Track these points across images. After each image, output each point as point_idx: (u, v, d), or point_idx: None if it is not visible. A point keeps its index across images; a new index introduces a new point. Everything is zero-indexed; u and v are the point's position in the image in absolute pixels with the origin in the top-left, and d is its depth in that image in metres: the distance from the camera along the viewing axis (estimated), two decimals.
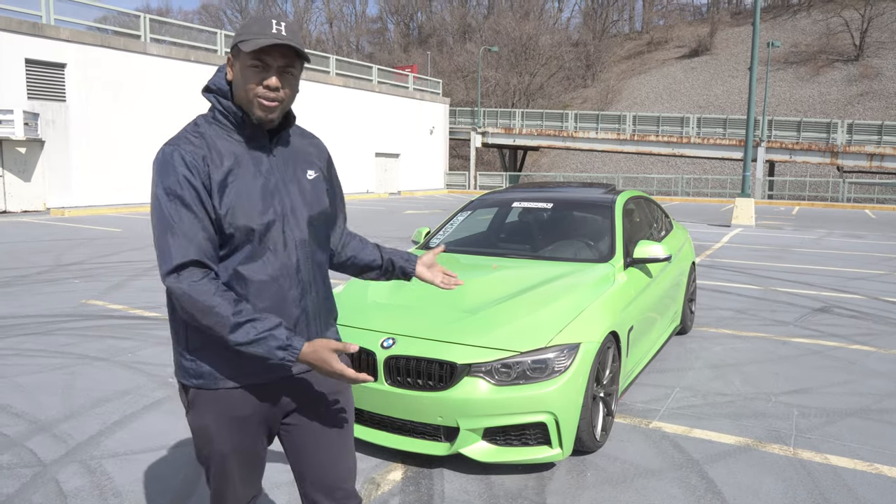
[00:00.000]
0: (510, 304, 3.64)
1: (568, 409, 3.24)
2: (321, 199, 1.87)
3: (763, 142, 32.76)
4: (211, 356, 1.74)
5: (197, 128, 1.73)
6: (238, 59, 1.70)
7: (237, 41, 1.68)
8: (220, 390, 1.76)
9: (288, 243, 1.77)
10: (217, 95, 1.76)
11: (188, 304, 1.63)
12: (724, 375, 4.96)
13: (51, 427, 3.86)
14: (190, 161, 1.66)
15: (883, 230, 17.62)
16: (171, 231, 1.64)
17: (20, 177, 20.10)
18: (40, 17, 20.51)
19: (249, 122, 1.73)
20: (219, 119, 1.76)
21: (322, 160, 1.94)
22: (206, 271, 1.66)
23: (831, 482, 3.27)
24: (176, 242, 1.64)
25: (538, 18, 68.56)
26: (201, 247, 1.66)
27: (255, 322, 1.65)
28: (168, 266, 1.64)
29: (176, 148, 1.68)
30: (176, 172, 1.65)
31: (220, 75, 1.78)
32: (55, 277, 8.83)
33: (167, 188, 1.65)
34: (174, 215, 1.64)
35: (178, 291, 1.63)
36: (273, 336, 1.65)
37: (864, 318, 6.91)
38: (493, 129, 41.08)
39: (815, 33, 58.87)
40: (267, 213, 1.73)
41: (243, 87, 1.69)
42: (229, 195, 1.68)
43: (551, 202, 5.23)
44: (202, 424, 1.79)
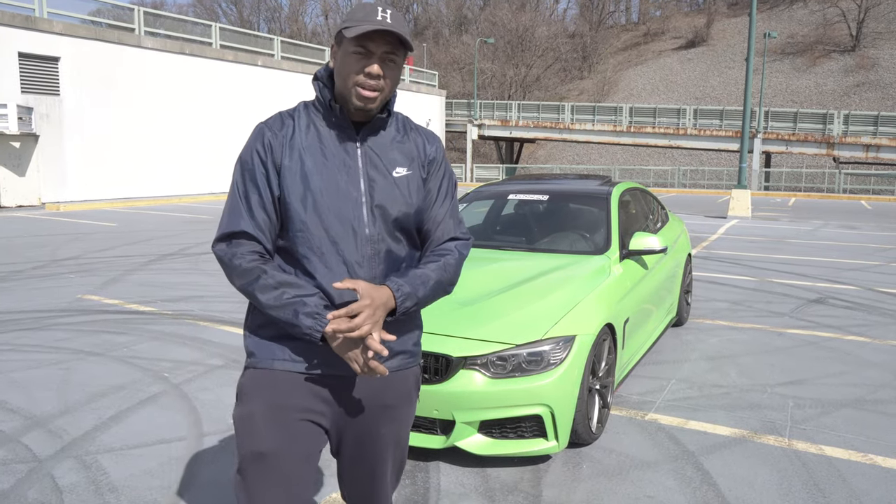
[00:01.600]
0: (506, 296, 3.64)
1: (564, 402, 3.24)
2: (407, 198, 1.75)
3: (759, 133, 32.77)
4: (270, 335, 1.71)
5: (292, 111, 1.77)
6: (341, 47, 1.68)
7: (341, 27, 1.65)
8: (276, 371, 1.69)
9: (359, 236, 1.69)
10: (320, 83, 1.76)
11: (229, 268, 1.66)
12: (719, 367, 4.97)
13: (46, 422, 3.85)
14: (269, 139, 1.70)
15: (878, 221, 17.66)
16: (233, 199, 1.71)
17: (14, 171, 20.02)
18: (33, 10, 20.37)
19: (338, 110, 1.71)
20: (316, 105, 1.77)
21: (424, 156, 1.82)
22: (255, 244, 1.68)
23: (826, 473, 3.28)
24: (234, 211, 1.69)
25: (534, 10, 68.35)
26: (256, 221, 1.68)
27: (288, 287, 1.63)
28: (220, 231, 1.70)
29: (264, 125, 1.73)
30: (253, 147, 1.70)
31: (326, 65, 1.80)
32: (51, 272, 8.80)
33: (243, 159, 1.72)
34: (240, 185, 1.70)
35: (222, 255, 1.67)
36: (303, 302, 1.60)
37: (859, 308, 6.93)
38: (489, 122, 41.01)
39: (812, 24, 58.79)
40: (334, 201, 1.68)
41: (344, 74, 1.67)
42: (298, 180, 1.68)
43: (547, 194, 5.22)
44: (246, 412, 1.68)
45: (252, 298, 1.66)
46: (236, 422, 1.71)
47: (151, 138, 23.48)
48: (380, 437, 1.81)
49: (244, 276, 1.65)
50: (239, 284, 1.67)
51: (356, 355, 1.61)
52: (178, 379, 4.62)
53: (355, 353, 1.61)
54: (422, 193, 1.79)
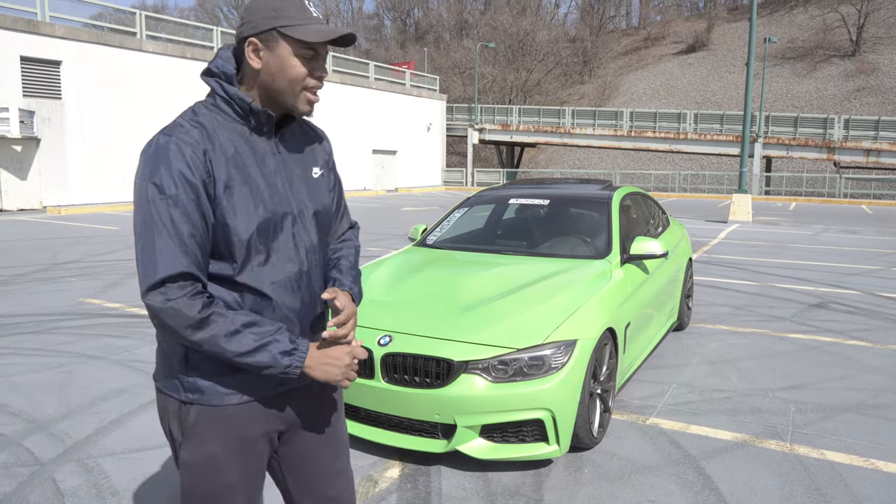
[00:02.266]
0: (507, 300, 3.64)
1: (565, 406, 3.24)
2: (326, 199, 1.71)
3: (760, 137, 32.79)
4: (215, 369, 1.52)
5: (196, 116, 1.51)
6: (278, 47, 1.50)
7: (278, 25, 1.49)
8: (228, 406, 1.54)
9: (299, 249, 1.60)
10: (220, 80, 1.55)
11: (174, 321, 1.41)
12: (721, 371, 4.97)
13: (48, 426, 3.86)
14: (189, 155, 1.43)
15: (879, 226, 17.66)
16: (159, 237, 1.41)
17: (16, 175, 20.04)
18: (35, 14, 20.43)
19: (260, 112, 1.54)
20: (220, 107, 1.54)
21: (327, 154, 1.76)
22: (196, 285, 1.44)
23: (828, 477, 3.28)
24: (164, 251, 1.40)
25: (535, 14, 68.49)
26: (194, 257, 1.44)
27: (253, 327, 1.46)
28: (152, 279, 1.40)
29: (172, 138, 1.45)
30: (171, 167, 1.42)
31: (224, 58, 1.57)
32: (52, 276, 8.81)
33: (160, 185, 1.41)
34: (164, 218, 1.41)
35: (161, 307, 1.40)
36: (276, 341, 1.47)
37: (861, 313, 6.93)
38: (490, 126, 41.05)
39: (812, 29, 58.88)
40: (276, 215, 1.55)
41: (287, 77, 1.51)
42: (234, 194, 1.48)
43: (548, 199, 5.23)
44: (207, 454, 1.54)
45: (215, 349, 1.44)
46: (194, 465, 1.55)
47: None
48: (339, 432, 1.78)
49: (201, 327, 1.42)
50: (197, 338, 1.42)
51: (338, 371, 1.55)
52: None
53: (336, 369, 1.55)
54: (331, 190, 1.76)
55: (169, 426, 1.58)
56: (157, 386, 1.61)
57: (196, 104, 1.55)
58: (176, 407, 1.55)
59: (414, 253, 4.88)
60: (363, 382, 3.34)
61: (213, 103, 1.55)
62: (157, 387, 1.60)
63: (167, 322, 1.42)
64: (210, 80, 1.56)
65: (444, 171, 41.14)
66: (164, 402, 1.58)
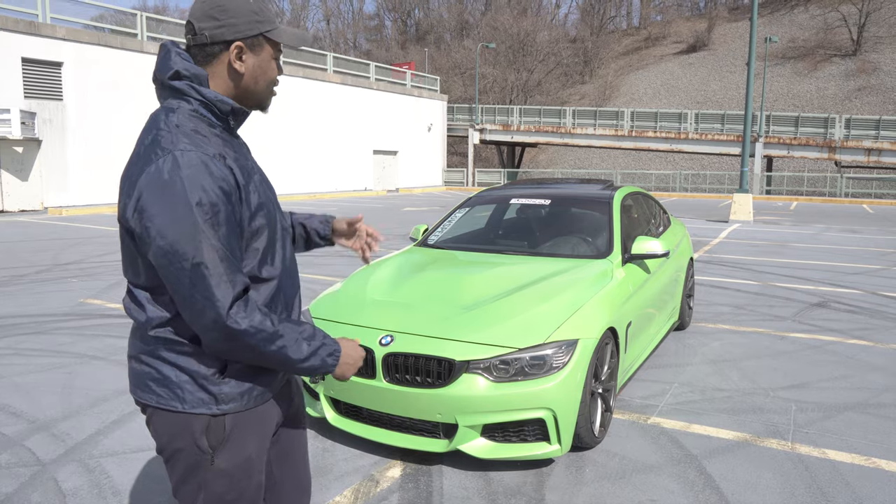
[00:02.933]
0: (508, 300, 3.64)
1: (566, 406, 3.24)
2: None
3: (761, 137, 32.78)
4: (244, 371, 1.54)
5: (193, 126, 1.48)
6: (262, 51, 1.56)
7: (264, 31, 1.53)
8: (259, 408, 1.58)
9: (285, 235, 1.67)
10: (192, 83, 1.50)
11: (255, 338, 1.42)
12: (722, 371, 4.97)
13: (49, 426, 3.86)
14: (218, 167, 1.42)
15: (880, 225, 17.64)
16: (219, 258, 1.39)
17: (17, 176, 20.07)
18: (37, 15, 20.46)
19: (240, 111, 1.57)
20: (200, 112, 1.51)
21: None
22: (248, 297, 1.46)
23: (829, 476, 3.28)
24: (228, 271, 1.40)
25: (536, 15, 68.52)
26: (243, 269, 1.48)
27: (303, 331, 1.52)
28: (227, 301, 1.38)
29: (198, 153, 1.41)
30: (207, 184, 1.38)
31: (185, 58, 1.52)
32: (53, 277, 8.82)
33: (204, 204, 1.38)
34: (216, 238, 1.39)
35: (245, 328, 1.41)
36: (325, 345, 1.55)
37: (862, 312, 6.92)
38: (490, 126, 41.06)
39: (813, 28, 58.85)
40: (272, 205, 1.61)
41: (267, 79, 1.59)
42: (255, 195, 1.53)
43: (549, 199, 5.23)
44: (243, 458, 1.56)
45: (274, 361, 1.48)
46: (230, 470, 1.55)
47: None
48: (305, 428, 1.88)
49: (273, 339, 1.45)
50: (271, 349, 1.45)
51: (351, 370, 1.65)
52: None
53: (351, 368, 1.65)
54: None
55: (195, 444, 1.52)
56: (169, 408, 1.52)
57: (173, 114, 1.47)
58: (204, 422, 1.51)
59: (415, 253, 4.88)
60: (365, 382, 3.34)
61: (192, 108, 1.50)
62: (167, 409, 1.52)
63: (251, 341, 1.42)
64: (181, 83, 1.49)
65: (445, 172, 41.15)
66: (183, 424, 1.51)
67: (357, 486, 3.19)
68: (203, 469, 1.54)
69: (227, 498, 1.57)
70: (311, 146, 30.47)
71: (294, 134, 29.28)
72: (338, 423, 3.55)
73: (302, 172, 29.90)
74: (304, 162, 30.03)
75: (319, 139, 30.97)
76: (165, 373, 1.51)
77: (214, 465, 1.54)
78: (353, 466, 3.38)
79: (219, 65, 1.54)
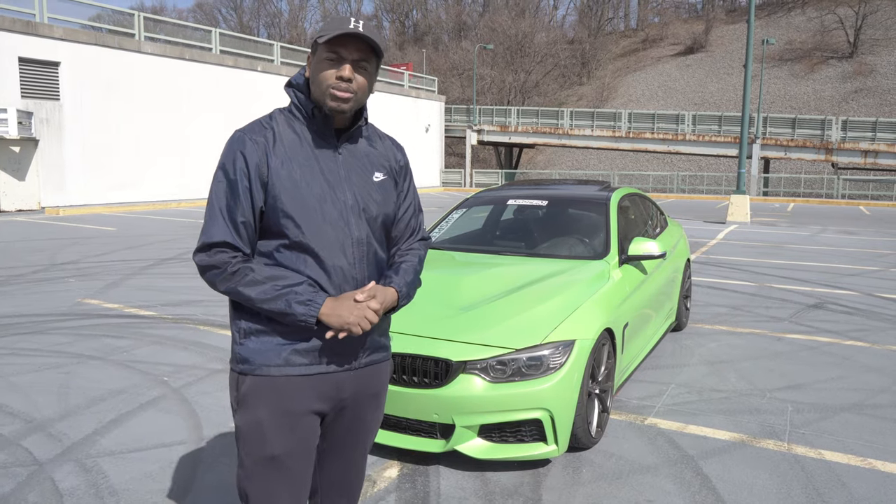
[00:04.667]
0: (505, 301, 3.65)
1: (563, 406, 3.25)
2: (386, 202, 1.86)
3: (758, 139, 32.84)
4: (266, 339, 1.72)
5: (270, 120, 1.78)
6: (315, 55, 1.74)
7: (316, 37, 1.72)
8: (280, 378, 1.72)
9: (343, 242, 1.75)
10: (295, 90, 1.80)
11: (212, 275, 1.68)
12: (718, 372, 4.98)
13: (46, 426, 3.86)
14: (250, 149, 1.70)
15: (877, 226, 17.69)
16: (215, 210, 1.70)
17: (14, 176, 20.03)
18: (34, 15, 20.42)
19: (320, 115, 1.75)
20: (293, 112, 1.80)
21: (396, 163, 1.94)
22: (236, 254, 1.70)
23: (825, 477, 3.29)
24: (215, 222, 1.69)
25: (533, 16, 68.58)
26: (238, 231, 1.69)
27: (277, 280, 1.67)
28: (201, 241, 1.70)
29: (243, 134, 1.73)
30: (235, 157, 1.70)
31: (300, 73, 1.83)
32: (50, 276, 8.80)
33: (224, 169, 1.71)
34: (220, 196, 1.70)
35: (204, 264, 1.68)
36: (294, 292, 1.66)
37: (858, 314, 6.94)
38: (488, 127, 41.08)
39: (810, 30, 58.98)
40: (324, 207, 1.73)
41: (318, 79, 1.72)
42: (283, 185, 1.70)
43: (546, 199, 5.24)
44: (253, 420, 1.73)
45: (240, 297, 1.68)
46: (243, 428, 1.74)
47: (151, 143, 23.51)
48: (366, 424, 1.93)
49: (230, 279, 1.68)
50: (225, 287, 1.69)
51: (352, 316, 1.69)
52: (178, 383, 4.62)
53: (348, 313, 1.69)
54: (395, 197, 1.92)
55: (231, 398, 1.78)
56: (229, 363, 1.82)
57: (275, 109, 1.83)
58: (235, 378, 1.77)
59: None
60: None
61: (289, 109, 1.81)
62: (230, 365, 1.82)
63: (207, 276, 1.69)
64: (289, 90, 1.82)
65: (443, 172, 41.15)
66: (230, 375, 1.80)
67: None
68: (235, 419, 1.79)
69: (246, 464, 1.75)
70: None
71: None
72: None
73: None
74: None
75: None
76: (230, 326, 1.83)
77: (235, 421, 1.77)
78: None
79: None
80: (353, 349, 1.80)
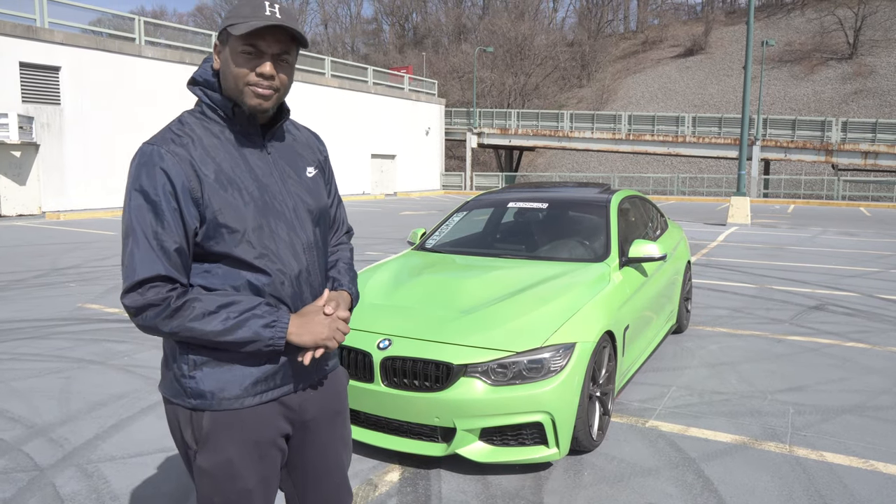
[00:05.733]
0: (506, 304, 3.65)
1: (564, 409, 3.25)
2: (321, 197, 1.74)
3: (758, 140, 32.85)
4: (224, 370, 1.54)
5: (182, 126, 1.56)
6: (227, 45, 1.53)
7: (226, 24, 1.52)
8: (244, 410, 1.56)
9: (296, 247, 1.62)
10: (204, 88, 1.59)
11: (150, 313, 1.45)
12: (720, 374, 4.97)
13: (47, 431, 3.86)
14: (171, 164, 1.47)
15: (877, 228, 17.68)
16: (138, 242, 1.46)
17: (15, 180, 20.05)
18: (34, 20, 20.47)
19: (241, 114, 1.57)
20: (207, 114, 1.59)
21: (321, 154, 1.80)
22: (174, 286, 1.47)
23: (827, 479, 3.28)
24: (144, 255, 1.45)
25: (533, 18, 68.64)
26: (174, 261, 1.47)
27: (231, 307, 1.48)
28: (130, 280, 1.45)
29: (158, 147, 1.49)
30: (154, 175, 1.46)
31: (206, 66, 1.61)
32: (51, 281, 8.81)
33: (143, 191, 1.46)
34: (143, 222, 1.46)
35: (138, 305, 1.45)
36: (255, 315, 1.49)
37: (859, 315, 6.93)
38: (488, 130, 41.10)
39: (810, 32, 59.03)
40: (268, 214, 1.57)
41: (232, 75, 1.53)
42: (221, 196, 1.51)
43: (547, 202, 5.24)
44: (223, 460, 1.55)
45: (192, 335, 1.47)
46: (209, 469, 1.56)
47: None
48: (339, 441, 1.80)
49: (174, 316, 1.45)
50: (170, 328, 1.46)
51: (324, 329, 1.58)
52: None
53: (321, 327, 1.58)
54: (326, 191, 1.80)
55: (182, 435, 1.59)
56: (164, 397, 1.62)
57: (183, 113, 1.60)
58: (187, 415, 1.57)
59: (413, 257, 4.89)
60: (363, 386, 3.34)
61: (200, 111, 1.60)
62: (164, 398, 1.62)
63: (144, 320, 1.46)
64: (194, 88, 1.60)
65: (443, 175, 41.17)
66: (173, 413, 1.60)
67: (355, 490, 3.19)
68: (192, 463, 1.61)
69: (216, 499, 1.59)
70: None
71: None
72: None
73: None
74: None
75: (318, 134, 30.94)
76: (164, 361, 1.63)
77: (197, 462, 1.58)
78: (352, 471, 3.38)
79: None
80: (310, 364, 1.67)
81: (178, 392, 1.57)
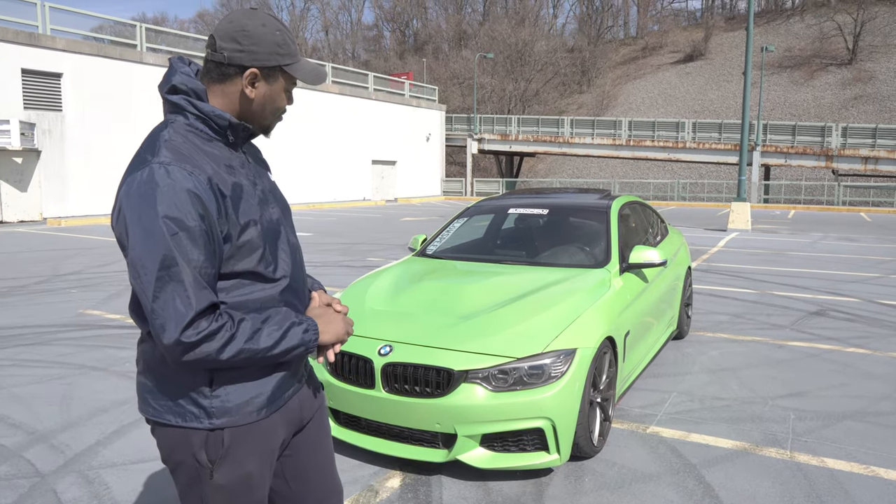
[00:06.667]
0: (506, 310, 3.66)
1: (565, 415, 3.25)
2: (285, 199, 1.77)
3: (758, 146, 32.89)
4: (245, 384, 1.53)
5: (181, 138, 1.48)
6: (276, 82, 1.56)
7: (283, 64, 1.54)
8: (262, 421, 1.56)
9: (292, 251, 1.65)
10: (189, 97, 1.51)
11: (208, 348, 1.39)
12: (720, 380, 4.97)
13: (48, 437, 3.86)
14: (194, 183, 1.40)
15: (878, 233, 17.69)
16: (182, 273, 1.37)
17: (16, 187, 20.09)
18: (36, 27, 20.55)
19: (243, 130, 1.56)
20: (195, 125, 1.51)
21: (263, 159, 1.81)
22: (219, 312, 1.43)
23: (828, 485, 3.28)
24: (192, 287, 1.38)
25: (533, 25, 68.82)
26: (214, 285, 1.45)
27: (269, 320, 1.49)
28: (186, 317, 1.36)
29: (176, 167, 1.40)
30: (182, 199, 1.38)
31: (186, 74, 1.53)
32: (52, 287, 8.82)
33: (176, 219, 1.37)
34: (184, 252, 1.37)
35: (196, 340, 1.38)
36: (292, 322, 1.52)
37: (860, 321, 6.93)
38: (489, 136, 41.17)
39: (809, 38, 59.17)
40: (271, 220, 1.59)
41: (275, 107, 1.59)
42: (241, 211, 1.50)
43: (547, 208, 5.25)
44: (243, 474, 1.55)
45: (247, 355, 1.44)
46: (229, 485, 1.54)
47: None
48: (324, 431, 1.83)
49: (233, 341, 1.42)
50: (230, 354, 1.42)
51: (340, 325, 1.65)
52: None
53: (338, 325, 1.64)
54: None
55: (194, 459, 1.52)
56: (165, 422, 1.53)
57: (168, 128, 1.49)
58: (202, 437, 1.51)
59: (414, 263, 4.90)
60: (364, 392, 3.35)
61: (188, 122, 1.51)
62: (161, 423, 1.54)
63: (197, 352, 1.38)
64: (177, 97, 1.51)
65: (444, 181, 41.22)
66: (181, 437, 1.52)
67: (356, 496, 3.19)
68: (203, 483, 1.55)
69: None
70: (309, 156, 30.53)
71: (293, 144, 29.34)
72: (337, 433, 3.55)
73: (301, 182, 29.93)
74: (302, 172, 30.08)
75: (318, 149, 31.05)
76: (159, 385, 1.52)
77: (214, 480, 1.54)
78: (353, 477, 3.38)
79: (231, 85, 1.54)
80: (298, 363, 1.69)
81: (193, 415, 1.50)
